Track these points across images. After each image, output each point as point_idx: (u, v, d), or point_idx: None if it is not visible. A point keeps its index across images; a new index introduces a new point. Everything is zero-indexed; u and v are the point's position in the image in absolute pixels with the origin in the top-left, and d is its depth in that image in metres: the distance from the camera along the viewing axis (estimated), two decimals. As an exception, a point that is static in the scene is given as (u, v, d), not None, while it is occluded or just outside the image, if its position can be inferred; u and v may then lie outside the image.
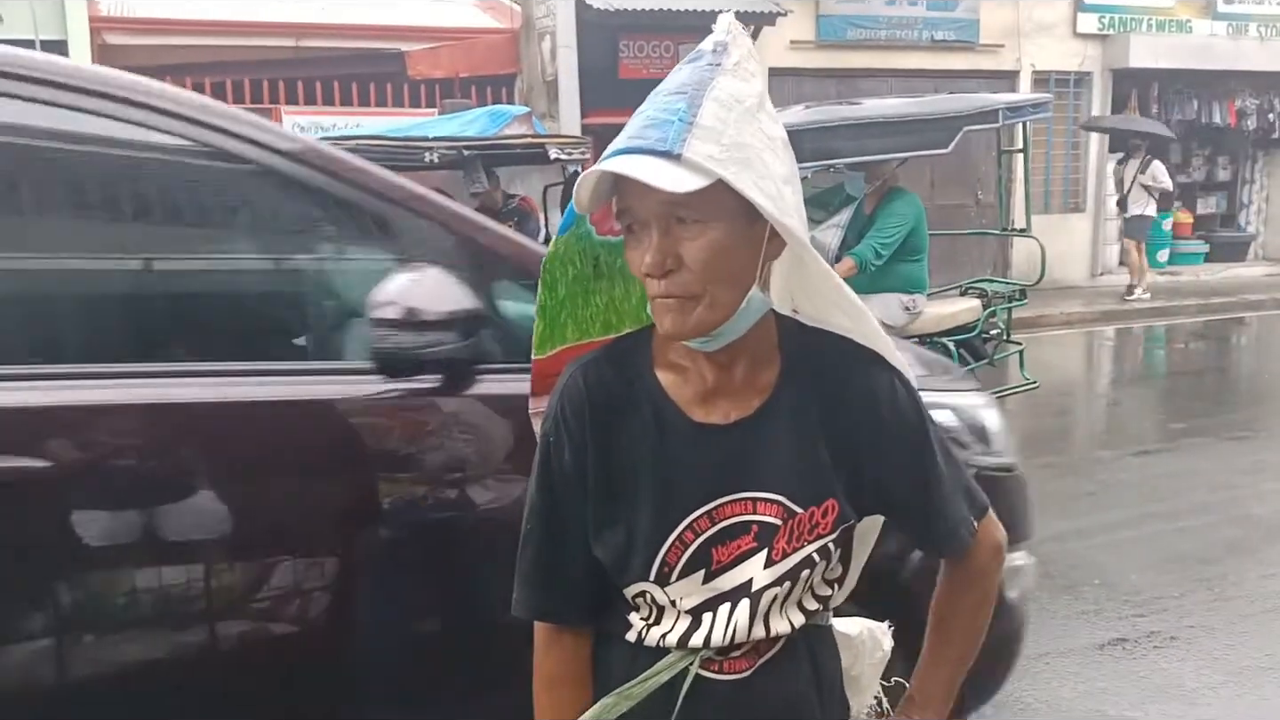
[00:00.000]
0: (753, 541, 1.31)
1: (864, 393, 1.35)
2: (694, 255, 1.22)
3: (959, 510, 1.40)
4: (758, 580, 1.31)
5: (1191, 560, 4.79)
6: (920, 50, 13.19)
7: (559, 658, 1.38)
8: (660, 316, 1.26)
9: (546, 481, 1.36)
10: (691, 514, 1.31)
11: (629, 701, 1.35)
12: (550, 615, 1.38)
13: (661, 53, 12.52)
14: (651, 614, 1.35)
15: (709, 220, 1.22)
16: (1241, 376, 9.98)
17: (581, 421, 1.32)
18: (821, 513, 1.33)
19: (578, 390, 1.34)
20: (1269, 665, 3.82)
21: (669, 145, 1.18)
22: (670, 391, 1.33)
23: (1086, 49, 14.05)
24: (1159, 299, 12.96)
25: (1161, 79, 14.53)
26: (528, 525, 1.37)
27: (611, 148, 1.22)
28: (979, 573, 1.45)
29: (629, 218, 1.25)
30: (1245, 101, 15.04)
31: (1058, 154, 14.21)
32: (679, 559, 1.31)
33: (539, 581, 1.37)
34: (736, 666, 1.34)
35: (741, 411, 1.32)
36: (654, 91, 1.27)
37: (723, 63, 1.25)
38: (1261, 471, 6.15)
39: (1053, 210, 14.26)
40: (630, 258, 1.27)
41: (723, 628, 1.32)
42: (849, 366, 1.36)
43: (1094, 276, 14.38)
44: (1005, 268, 14.09)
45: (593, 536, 1.34)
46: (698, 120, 1.19)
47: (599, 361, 1.36)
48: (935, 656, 1.48)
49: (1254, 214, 16.22)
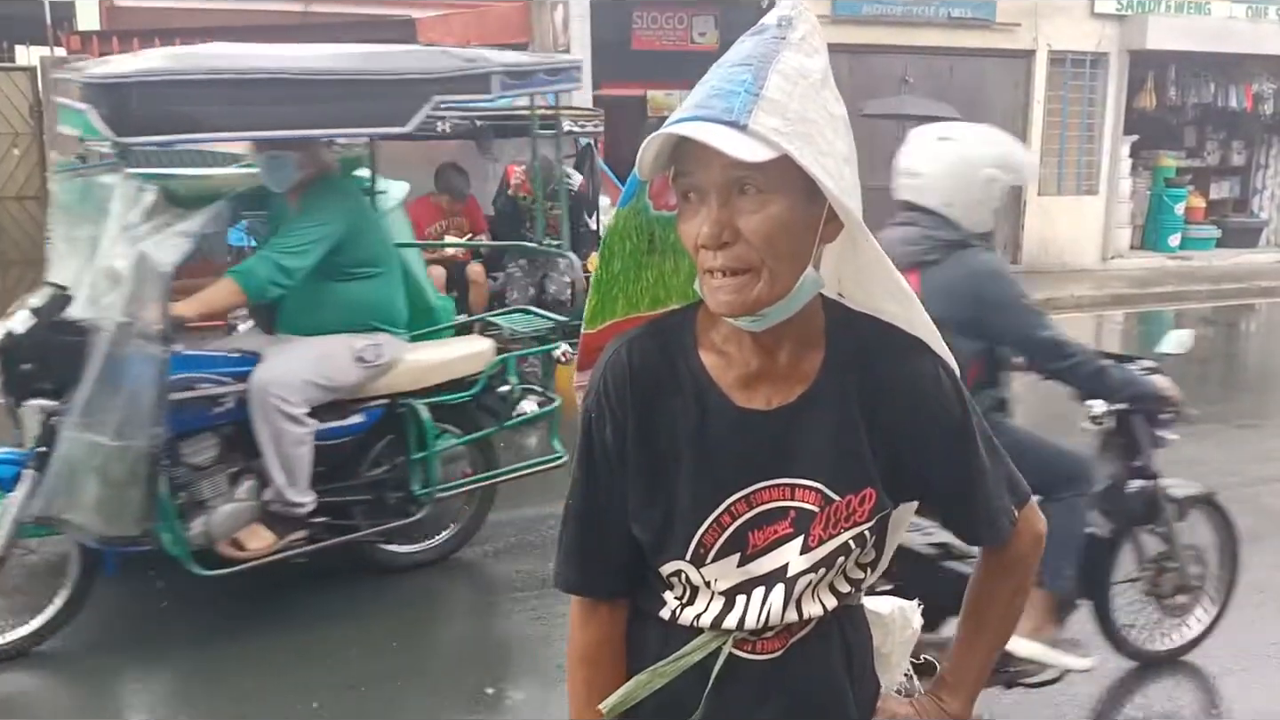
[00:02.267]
0: (789, 527, 1.31)
1: (909, 382, 1.33)
2: (753, 228, 1.20)
3: (1000, 500, 1.40)
4: (793, 566, 1.31)
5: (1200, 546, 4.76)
6: (936, 27, 13.07)
7: (595, 633, 1.40)
8: (712, 292, 1.24)
9: (588, 456, 1.35)
10: (730, 498, 1.31)
11: (662, 679, 1.36)
12: (589, 590, 1.40)
13: (675, 24, 12.42)
14: (685, 594, 1.35)
15: (771, 193, 1.19)
16: (1251, 364, 9.93)
17: (624, 397, 1.32)
18: (859, 500, 1.32)
19: (622, 365, 1.33)
20: (1276, 654, 3.80)
21: (735, 115, 1.16)
22: (713, 374, 1.32)
23: (1104, 29, 13.91)
24: (1169, 283, 12.89)
25: (1179, 61, 14.39)
26: (570, 500, 1.37)
27: (675, 115, 1.20)
28: (1018, 560, 1.45)
29: (687, 186, 1.23)
30: (1262, 85, 14.89)
31: (1072, 135, 14.09)
32: (716, 541, 1.31)
33: (580, 556, 1.39)
34: (769, 646, 1.35)
35: (783, 398, 1.31)
36: (717, 64, 1.25)
37: (788, 36, 1.23)
38: (1271, 460, 6.12)
39: (1065, 193, 14.16)
40: (684, 229, 1.25)
41: (756, 611, 1.32)
42: (894, 355, 1.33)
43: (1105, 260, 14.30)
44: (1016, 249, 14.02)
45: (631, 513, 1.34)
46: (763, 92, 1.17)
47: (644, 338, 1.35)
48: (970, 641, 1.49)
49: (1267, 200, 16.10)
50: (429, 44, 11.71)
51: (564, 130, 7.38)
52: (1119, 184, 14.37)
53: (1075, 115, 14.05)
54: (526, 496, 5.66)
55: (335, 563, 4.62)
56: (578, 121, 7.47)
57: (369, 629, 3.99)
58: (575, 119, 7.49)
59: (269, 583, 4.21)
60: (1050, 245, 14.02)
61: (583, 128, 7.49)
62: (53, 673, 3.74)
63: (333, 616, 4.10)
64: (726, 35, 12.16)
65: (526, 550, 4.77)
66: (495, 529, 5.02)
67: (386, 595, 4.28)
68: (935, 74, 13.31)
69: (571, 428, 6.15)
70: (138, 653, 3.84)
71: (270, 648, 3.89)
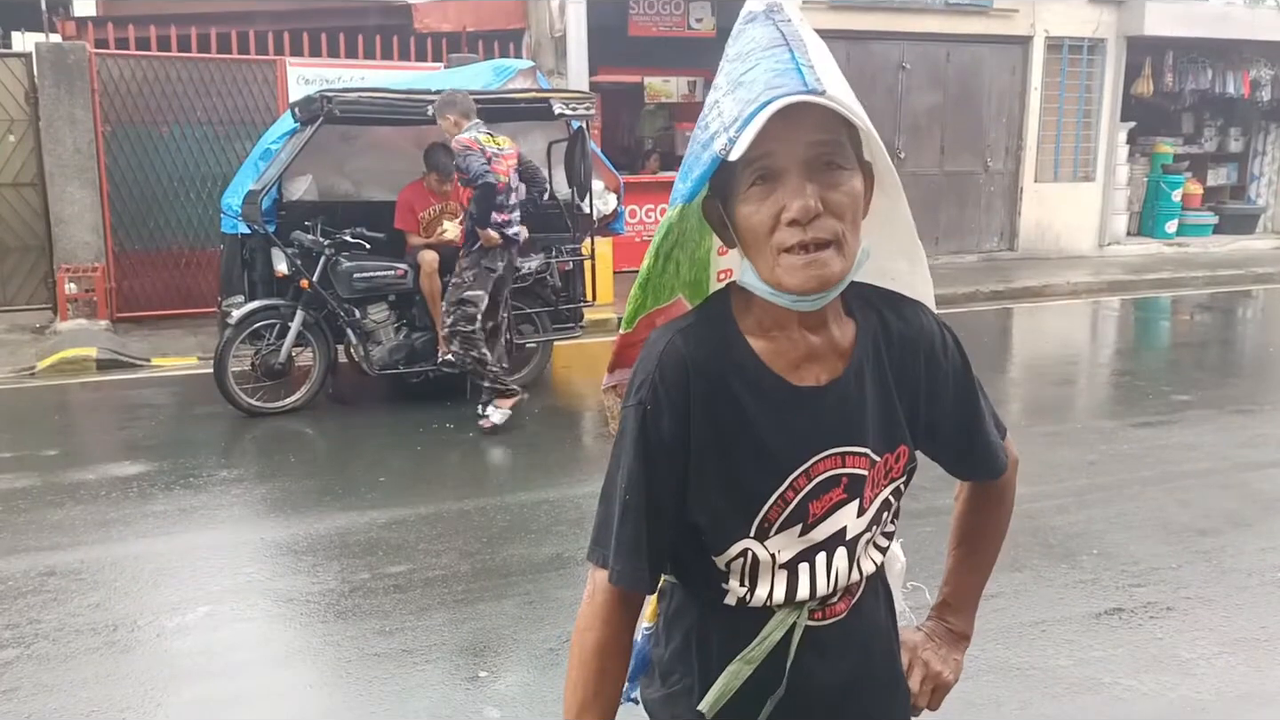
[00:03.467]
0: (843, 493, 1.37)
1: (923, 343, 1.42)
2: (838, 200, 1.24)
3: (996, 438, 1.51)
4: (851, 529, 1.39)
5: (1190, 532, 4.79)
6: (933, 13, 13.04)
7: (619, 626, 1.37)
8: (794, 271, 1.25)
9: (645, 451, 1.33)
10: (792, 473, 1.35)
11: (750, 666, 1.39)
12: (640, 584, 1.36)
13: (672, 10, 12.38)
14: (744, 577, 1.37)
15: (847, 166, 1.26)
16: (1246, 350, 9.94)
17: (684, 385, 1.32)
18: (895, 458, 1.41)
19: (677, 354, 1.32)
20: (1265, 637, 3.82)
21: (811, 85, 1.19)
22: (764, 358, 1.35)
23: (1101, 15, 13.88)
24: (1166, 270, 12.90)
25: (1176, 47, 14.37)
26: (627, 497, 1.33)
27: (751, 103, 1.20)
28: (1007, 486, 1.57)
29: (763, 168, 1.24)
30: (1260, 72, 14.87)
31: (1069, 121, 14.08)
32: (779, 516, 1.35)
33: (638, 551, 1.34)
34: (836, 610, 1.42)
35: (831, 373, 1.36)
36: (729, 58, 1.29)
37: (791, 18, 1.28)
38: (1263, 445, 6.14)
39: (1063, 179, 14.16)
40: (759, 210, 1.26)
41: (824, 576, 1.38)
42: (906, 320, 1.42)
43: (1102, 246, 14.31)
44: (1013, 236, 14.02)
45: (692, 500, 1.35)
46: (815, 64, 1.22)
47: (695, 327, 1.36)
48: (967, 564, 1.61)
49: (1264, 186, 16.10)
50: (425, 31, 11.72)
51: (555, 114, 7.37)
52: (1116, 170, 14.37)
53: (1072, 101, 14.04)
54: (518, 483, 5.69)
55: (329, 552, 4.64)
56: (569, 104, 7.43)
57: (361, 615, 4.01)
58: (567, 101, 7.46)
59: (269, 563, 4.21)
60: (1047, 232, 14.03)
61: (574, 110, 7.46)
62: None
63: (324, 602, 4.13)
64: (723, 21, 12.12)
65: (518, 535, 4.79)
66: (486, 514, 5.04)
67: (376, 578, 4.30)
68: (932, 60, 13.29)
69: (567, 412, 6.18)
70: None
71: (262, 629, 3.91)
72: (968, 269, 12.79)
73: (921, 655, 1.57)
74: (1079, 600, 4.11)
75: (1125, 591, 4.18)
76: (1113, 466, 5.76)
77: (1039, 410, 7.12)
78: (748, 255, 1.32)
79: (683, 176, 1.33)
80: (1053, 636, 3.81)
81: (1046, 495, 5.23)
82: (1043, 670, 3.58)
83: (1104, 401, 7.72)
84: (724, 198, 1.31)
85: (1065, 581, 4.26)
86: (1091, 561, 4.45)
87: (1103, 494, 5.30)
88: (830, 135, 1.24)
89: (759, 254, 1.28)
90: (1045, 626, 3.87)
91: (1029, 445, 6.03)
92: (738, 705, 1.40)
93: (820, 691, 1.42)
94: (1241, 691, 3.50)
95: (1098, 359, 9.49)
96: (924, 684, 1.56)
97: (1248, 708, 3.41)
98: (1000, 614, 3.93)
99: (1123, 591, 4.18)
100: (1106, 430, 6.50)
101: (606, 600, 1.36)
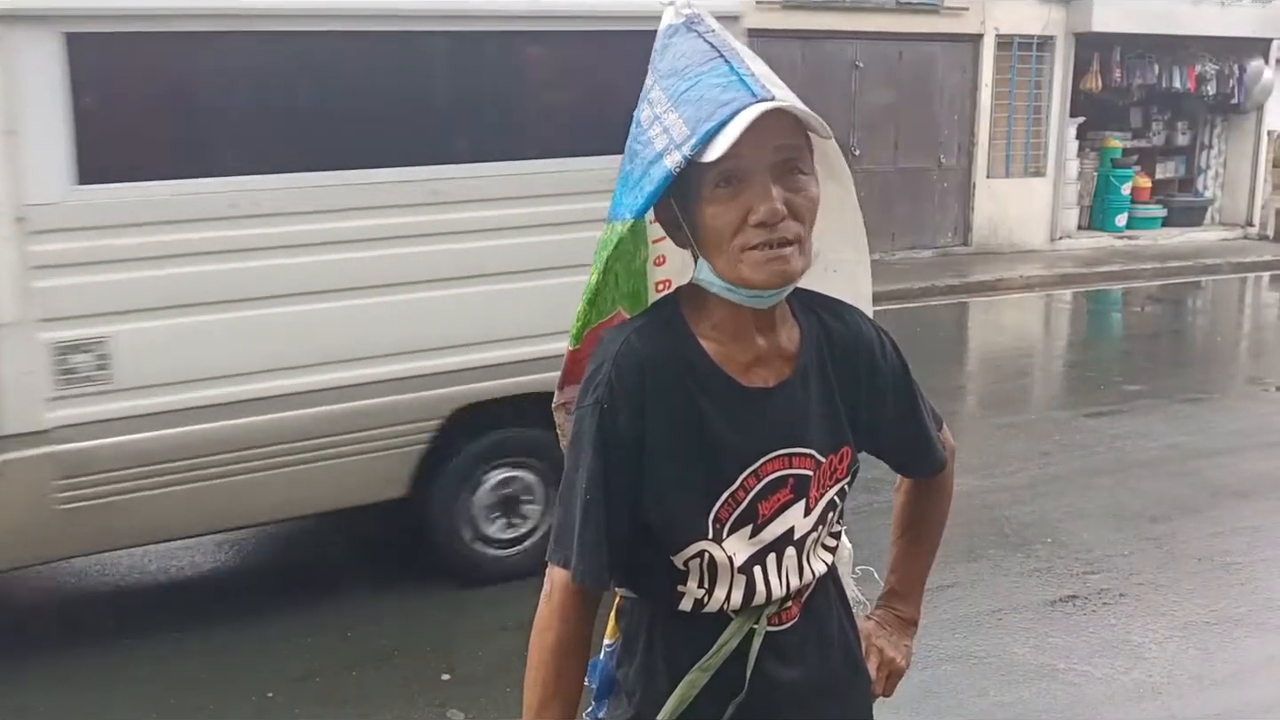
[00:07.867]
0: (789, 494, 1.40)
1: (863, 347, 1.46)
2: (800, 204, 1.29)
3: (933, 432, 1.56)
4: (799, 528, 1.41)
5: (1142, 519, 4.88)
6: (885, 13, 13.13)
7: (579, 625, 1.37)
8: (758, 266, 1.28)
9: (603, 448, 1.33)
10: (742, 473, 1.37)
11: (706, 674, 1.40)
12: (600, 581, 1.36)
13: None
14: (704, 579, 1.38)
15: (809, 171, 1.31)
16: (1195, 340, 10.13)
17: (639, 383, 1.33)
18: (839, 459, 1.44)
19: (633, 353, 1.34)
20: (1213, 620, 3.91)
21: (760, 95, 1.23)
22: (715, 359, 1.37)
23: (1050, 13, 14.05)
24: (1117, 262, 13.10)
25: (1123, 43, 14.58)
26: (588, 496, 1.33)
27: (705, 121, 1.23)
28: (947, 477, 1.63)
29: (730, 171, 1.27)
30: (1205, 67, 15.11)
31: (1019, 117, 14.24)
32: (730, 516, 1.37)
33: (600, 550, 1.34)
34: (790, 614, 1.45)
35: (779, 376, 1.39)
36: (662, 74, 1.32)
37: (714, 27, 1.31)
38: (1211, 433, 6.27)
39: (1014, 174, 14.31)
40: (725, 212, 1.28)
41: (776, 578, 1.40)
42: (845, 323, 1.46)
43: (1053, 240, 14.49)
44: (966, 231, 14.18)
45: (647, 499, 1.35)
46: (756, 73, 1.25)
47: (648, 327, 1.38)
48: (912, 553, 1.66)
49: (1211, 179, 16.36)
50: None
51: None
52: (1066, 165, 14.54)
53: (1022, 98, 14.19)
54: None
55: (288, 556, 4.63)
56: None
57: (323, 619, 4.00)
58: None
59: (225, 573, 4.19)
60: (999, 227, 14.18)
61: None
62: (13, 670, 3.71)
63: (286, 607, 4.10)
64: None
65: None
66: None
67: (340, 585, 4.28)
68: (885, 59, 13.40)
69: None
70: (84, 648, 3.82)
71: (225, 639, 3.88)
72: (923, 264, 12.91)
73: (875, 643, 1.60)
74: (1034, 588, 4.18)
75: (1079, 579, 4.26)
76: (1066, 456, 5.85)
77: (994, 402, 7.21)
78: (705, 254, 1.33)
79: (625, 192, 1.34)
80: (1009, 625, 3.88)
81: (1002, 486, 5.31)
82: (999, 658, 3.65)
83: (1057, 393, 7.84)
84: (680, 201, 1.33)
85: (1020, 570, 4.34)
86: (1046, 550, 4.53)
87: (1056, 484, 5.39)
88: (795, 140, 1.28)
89: (719, 252, 1.30)
90: (1001, 615, 3.94)
91: (984, 437, 6.12)
92: (699, 710, 1.40)
93: (783, 694, 1.44)
94: (1193, 674, 3.58)
95: (1051, 351, 9.63)
96: (879, 670, 1.59)
97: (1199, 689, 3.49)
98: (957, 603, 3.99)
99: (1077, 579, 4.26)
100: (1060, 421, 6.61)
101: (565, 600, 1.36)
